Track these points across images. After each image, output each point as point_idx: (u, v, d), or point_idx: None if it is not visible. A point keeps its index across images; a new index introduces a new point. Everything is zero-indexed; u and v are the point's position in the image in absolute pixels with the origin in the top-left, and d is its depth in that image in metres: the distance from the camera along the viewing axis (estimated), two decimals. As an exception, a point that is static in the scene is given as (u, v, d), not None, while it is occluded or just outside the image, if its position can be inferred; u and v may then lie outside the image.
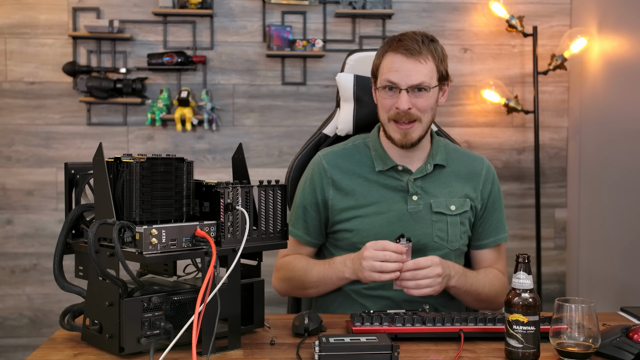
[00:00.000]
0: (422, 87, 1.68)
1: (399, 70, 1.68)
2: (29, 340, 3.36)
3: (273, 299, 2.75)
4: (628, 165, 2.77)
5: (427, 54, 1.69)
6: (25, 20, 3.32)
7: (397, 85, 1.68)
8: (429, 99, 1.70)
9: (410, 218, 1.75)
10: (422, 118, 1.71)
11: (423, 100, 1.69)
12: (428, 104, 1.70)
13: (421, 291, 1.58)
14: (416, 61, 1.68)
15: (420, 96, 1.69)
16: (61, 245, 1.40)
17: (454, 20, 3.43)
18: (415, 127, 1.71)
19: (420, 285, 1.57)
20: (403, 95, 1.67)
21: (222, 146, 3.40)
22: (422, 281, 1.57)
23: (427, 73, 1.68)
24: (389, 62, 1.70)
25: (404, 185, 1.77)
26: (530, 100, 3.42)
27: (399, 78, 1.68)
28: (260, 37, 3.39)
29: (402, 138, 1.72)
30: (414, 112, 1.69)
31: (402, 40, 1.70)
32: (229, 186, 1.34)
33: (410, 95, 1.68)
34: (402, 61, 1.68)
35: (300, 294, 1.85)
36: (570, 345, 1.30)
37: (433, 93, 1.71)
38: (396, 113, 1.70)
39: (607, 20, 3.03)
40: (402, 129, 1.71)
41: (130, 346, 1.28)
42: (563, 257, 3.51)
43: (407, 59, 1.68)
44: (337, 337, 1.31)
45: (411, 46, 1.67)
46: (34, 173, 3.35)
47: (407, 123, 1.70)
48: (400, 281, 1.58)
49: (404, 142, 1.72)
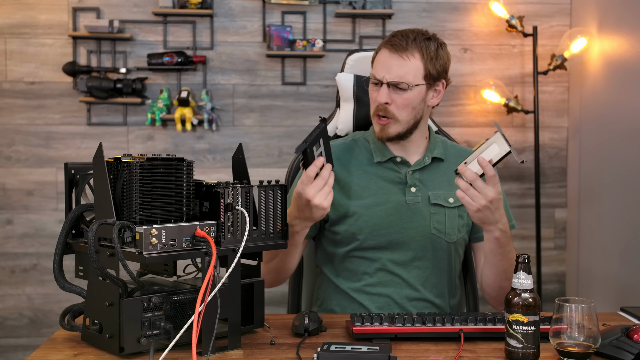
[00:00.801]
0: (401, 85, 1.69)
1: (382, 66, 1.71)
2: (29, 340, 3.36)
3: (273, 299, 2.75)
4: (628, 165, 2.77)
5: (414, 51, 1.69)
6: (25, 20, 3.32)
7: (379, 80, 1.71)
8: (409, 97, 1.70)
9: (408, 209, 1.76)
10: (397, 116, 1.72)
11: (401, 98, 1.70)
12: (407, 102, 1.70)
13: (464, 198, 1.53)
14: (399, 57, 1.69)
15: (399, 93, 1.70)
16: (61, 245, 1.40)
17: (454, 20, 3.43)
18: (390, 124, 1.73)
19: (468, 192, 1.52)
20: (383, 89, 1.70)
21: (222, 146, 3.40)
22: (473, 191, 1.51)
23: (409, 70, 1.69)
24: (378, 57, 1.75)
25: (402, 177, 1.78)
26: (530, 100, 3.42)
27: (380, 73, 1.71)
28: (260, 37, 3.39)
29: (379, 132, 1.75)
30: (391, 109, 1.71)
31: (394, 36, 1.73)
32: (229, 186, 1.34)
33: (391, 91, 1.70)
34: (386, 56, 1.71)
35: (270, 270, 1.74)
36: (570, 345, 1.30)
37: (416, 92, 1.71)
38: (376, 107, 1.73)
39: (607, 20, 3.03)
40: (379, 123, 1.74)
41: (130, 346, 1.28)
42: (563, 257, 3.52)
43: (391, 55, 1.70)
44: (338, 345, 1.31)
45: (398, 42, 1.70)
46: (34, 173, 3.36)
47: (384, 117, 1.72)
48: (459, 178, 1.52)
49: (380, 136, 1.75)
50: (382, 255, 1.77)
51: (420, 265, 1.78)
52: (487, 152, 1.52)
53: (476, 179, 1.51)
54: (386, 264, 1.77)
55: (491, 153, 1.52)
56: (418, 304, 1.77)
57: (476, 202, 1.52)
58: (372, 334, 1.42)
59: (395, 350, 1.37)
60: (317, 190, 1.50)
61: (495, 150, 1.51)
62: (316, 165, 1.50)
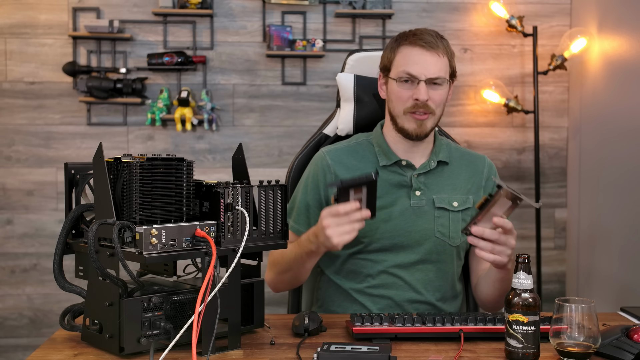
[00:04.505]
0: (439, 81, 1.71)
1: (418, 63, 1.71)
2: (29, 340, 3.36)
3: (273, 299, 2.75)
4: (628, 165, 2.77)
5: (443, 48, 1.73)
6: (25, 20, 3.32)
7: (416, 77, 1.70)
8: (444, 93, 1.74)
9: (413, 213, 1.76)
10: (435, 111, 1.74)
11: (438, 94, 1.72)
12: (442, 98, 1.74)
13: (491, 257, 1.49)
14: (434, 54, 1.71)
15: (437, 89, 1.72)
16: (61, 245, 1.40)
17: (454, 20, 3.43)
18: (429, 119, 1.74)
19: (494, 250, 1.48)
20: (422, 86, 1.70)
21: (222, 146, 3.40)
22: (498, 247, 1.48)
23: (442, 67, 1.72)
24: (406, 54, 1.73)
25: (407, 180, 1.78)
26: (530, 100, 3.42)
27: (418, 70, 1.70)
28: (260, 37, 3.39)
29: (417, 127, 1.74)
30: (430, 104, 1.72)
31: (418, 34, 1.73)
32: (229, 186, 1.34)
33: (428, 88, 1.71)
34: (421, 54, 1.71)
35: (283, 280, 1.79)
36: (570, 345, 1.30)
37: (446, 87, 1.75)
38: (414, 104, 1.71)
39: (607, 20, 3.03)
40: (418, 119, 1.73)
41: (130, 346, 1.28)
42: (563, 257, 3.51)
43: (426, 52, 1.71)
44: (338, 345, 1.31)
45: (429, 40, 1.71)
46: (34, 173, 3.36)
47: (423, 114, 1.72)
48: (475, 239, 1.47)
49: (418, 132, 1.74)
50: (385, 258, 1.76)
51: (424, 269, 1.78)
52: (497, 208, 1.46)
53: (499, 236, 1.48)
54: (389, 266, 1.76)
55: (501, 207, 1.47)
56: (420, 307, 1.77)
57: (503, 255, 1.51)
58: (372, 334, 1.42)
59: (395, 350, 1.37)
60: (335, 224, 1.50)
61: (504, 204, 1.46)
62: (351, 206, 1.49)
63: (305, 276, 1.76)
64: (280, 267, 1.76)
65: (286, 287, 1.82)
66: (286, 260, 1.73)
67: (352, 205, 1.49)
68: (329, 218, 1.51)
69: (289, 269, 1.73)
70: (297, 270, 1.72)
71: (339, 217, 1.50)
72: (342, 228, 1.50)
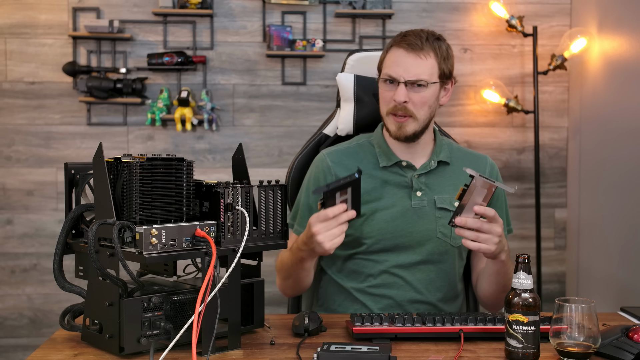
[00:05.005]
0: (420, 83, 1.70)
1: (400, 64, 1.71)
2: (29, 340, 3.36)
3: (273, 299, 2.75)
4: (628, 165, 2.77)
5: (429, 50, 1.72)
6: (25, 20, 3.32)
7: (395, 78, 1.71)
8: (427, 95, 1.72)
9: (414, 214, 1.76)
10: (416, 114, 1.73)
11: (419, 96, 1.71)
12: (424, 100, 1.72)
13: (476, 245, 1.50)
14: (416, 56, 1.71)
15: (417, 91, 1.71)
16: (61, 245, 1.40)
17: (454, 20, 3.43)
18: (409, 122, 1.73)
19: (479, 239, 1.49)
20: (401, 88, 1.70)
21: (222, 146, 3.40)
22: (483, 235, 1.50)
23: (426, 69, 1.71)
24: (391, 56, 1.75)
25: (407, 181, 1.78)
26: (530, 100, 3.42)
27: (398, 72, 1.71)
28: (260, 37, 3.39)
29: (396, 130, 1.74)
30: (409, 107, 1.72)
31: (407, 35, 1.73)
32: (229, 186, 1.34)
33: (409, 90, 1.71)
34: (403, 55, 1.72)
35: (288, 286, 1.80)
36: (570, 345, 1.30)
37: (432, 90, 1.73)
38: (394, 106, 1.73)
39: (607, 20, 3.03)
40: (397, 121, 1.74)
41: (130, 346, 1.28)
42: (563, 257, 3.51)
43: (408, 54, 1.71)
44: (338, 345, 1.31)
45: (413, 41, 1.71)
46: (34, 173, 3.35)
47: (402, 116, 1.73)
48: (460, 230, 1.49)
49: (398, 134, 1.75)
50: (387, 258, 1.77)
51: (425, 269, 1.78)
52: (475, 197, 1.48)
53: (481, 224, 1.49)
54: (391, 266, 1.77)
55: (479, 196, 1.48)
56: (421, 307, 1.77)
57: (490, 243, 1.51)
58: (372, 334, 1.42)
59: (395, 350, 1.37)
60: (325, 229, 1.49)
61: (481, 192, 1.48)
62: (339, 209, 1.48)
63: (308, 281, 1.77)
64: (282, 273, 1.78)
65: (292, 292, 1.83)
66: (285, 267, 1.74)
67: (340, 208, 1.48)
68: (318, 224, 1.49)
69: (289, 275, 1.75)
70: (297, 276, 1.73)
71: (328, 222, 1.49)
72: (332, 232, 1.49)
